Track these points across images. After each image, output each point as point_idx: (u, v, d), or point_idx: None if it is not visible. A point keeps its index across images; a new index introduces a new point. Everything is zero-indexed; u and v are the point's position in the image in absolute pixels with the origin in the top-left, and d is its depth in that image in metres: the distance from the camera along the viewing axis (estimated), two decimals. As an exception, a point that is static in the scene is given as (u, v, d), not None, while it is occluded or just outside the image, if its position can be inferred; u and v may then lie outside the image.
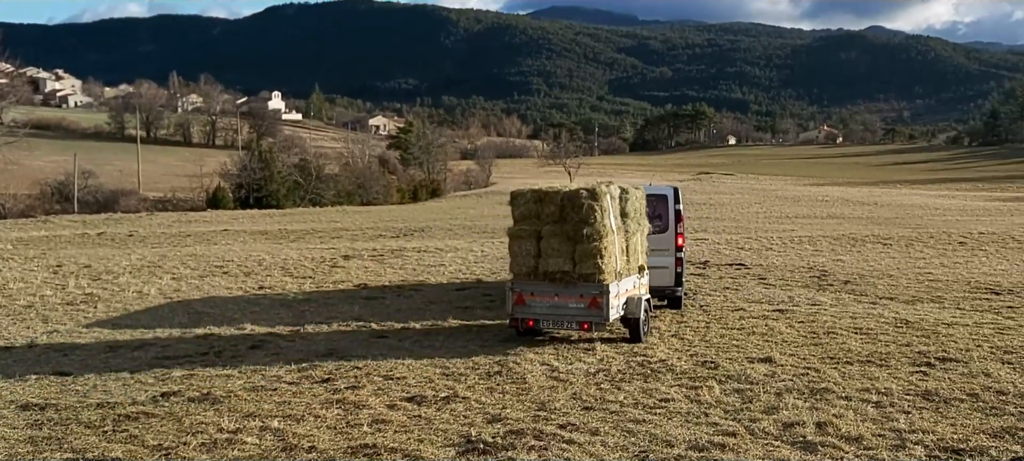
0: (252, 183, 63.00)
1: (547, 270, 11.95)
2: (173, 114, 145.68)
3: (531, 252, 12.08)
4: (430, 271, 20.80)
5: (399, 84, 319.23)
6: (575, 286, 11.83)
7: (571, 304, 11.89)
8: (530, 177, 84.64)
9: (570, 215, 11.83)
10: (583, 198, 11.81)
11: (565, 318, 12.02)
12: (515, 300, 12.10)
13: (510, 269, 12.48)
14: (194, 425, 8.44)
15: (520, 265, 12.18)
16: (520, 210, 12.27)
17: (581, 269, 11.77)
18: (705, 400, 9.26)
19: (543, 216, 12.07)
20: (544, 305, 12.00)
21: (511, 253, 12.33)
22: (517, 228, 12.24)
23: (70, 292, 17.31)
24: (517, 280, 12.14)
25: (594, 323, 11.90)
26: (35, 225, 42.60)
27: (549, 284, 11.94)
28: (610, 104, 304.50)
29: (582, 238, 11.70)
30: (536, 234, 12.05)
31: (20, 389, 9.89)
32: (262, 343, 12.45)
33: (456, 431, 8.22)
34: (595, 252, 11.71)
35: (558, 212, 11.95)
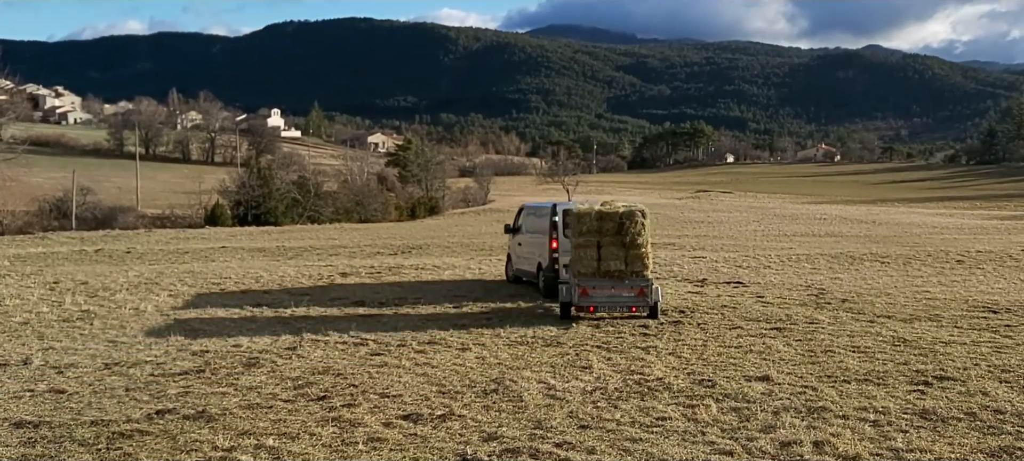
0: (250, 200, 63.05)
1: (607, 270, 15.69)
2: (172, 131, 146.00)
3: (593, 257, 15.77)
4: (428, 288, 20.77)
5: (398, 102, 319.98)
6: (627, 280, 15.68)
7: (624, 294, 15.67)
8: (528, 195, 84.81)
9: (627, 228, 15.70)
10: (636, 216, 15.80)
11: (619, 304, 15.74)
12: (580, 293, 15.54)
13: (572, 269, 16.08)
14: (189, 443, 8.40)
15: (584, 266, 15.75)
16: (585, 225, 15.85)
17: (632, 267, 15.77)
18: (702, 419, 9.23)
19: (604, 230, 15.79)
20: (603, 295, 15.65)
21: (577, 258, 15.88)
22: (583, 239, 15.81)
23: (67, 309, 17.26)
24: (581, 278, 15.67)
25: (639, 306, 15.74)
26: (33, 241, 42.55)
27: (607, 280, 15.68)
28: (608, 122, 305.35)
29: (634, 245, 15.74)
30: (597, 243, 15.76)
31: (14, 406, 9.84)
32: (258, 360, 12.41)
33: (452, 450, 8.18)
34: (642, 255, 15.84)
35: (617, 226, 15.77)
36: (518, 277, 21.59)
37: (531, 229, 20.66)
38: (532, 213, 21.33)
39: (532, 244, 20.28)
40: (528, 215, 21.49)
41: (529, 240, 20.64)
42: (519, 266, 21.44)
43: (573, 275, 15.95)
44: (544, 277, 19.07)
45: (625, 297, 15.69)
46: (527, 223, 21.23)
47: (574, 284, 15.69)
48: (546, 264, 19.01)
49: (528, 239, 20.74)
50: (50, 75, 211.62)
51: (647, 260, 15.90)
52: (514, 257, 21.95)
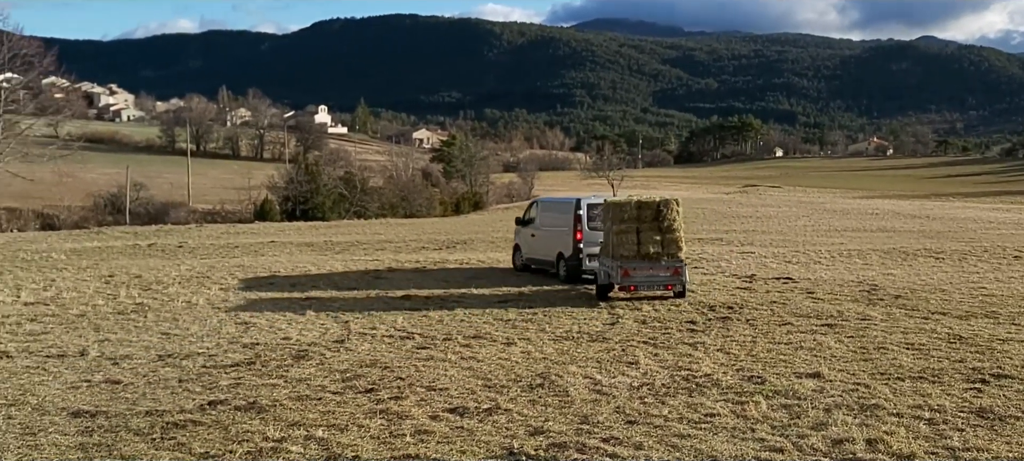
0: (298, 196, 63.88)
1: (646, 252, 17.34)
2: (222, 128, 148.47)
3: (633, 241, 17.45)
4: (472, 283, 20.83)
5: (443, 97, 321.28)
6: (663, 261, 17.35)
7: (661, 273, 17.38)
8: (573, 190, 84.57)
9: (664, 215, 17.48)
10: (672, 204, 17.69)
11: (656, 283, 17.42)
12: (622, 274, 17.08)
13: (613, 253, 17.51)
14: (240, 433, 8.53)
15: (625, 250, 17.39)
16: (625, 213, 17.61)
17: (668, 250, 17.44)
18: (751, 415, 9.11)
19: (642, 217, 17.56)
20: (643, 275, 17.26)
21: (618, 243, 17.44)
22: (623, 225, 17.48)
23: (121, 302, 17.66)
24: (623, 260, 17.24)
25: (674, 284, 17.47)
26: (88, 236, 43.64)
27: (646, 261, 17.31)
28: (654, 116, 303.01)
29: (670, 230, 17.51)
30: (636, 229, 17.46)
31: (72, 396, 10.10)
32: (307, 353, 12.57)
33: (498, 443, 8.19)
34: (677, 239, 17.60)
35: (654, 214, 17.54)
36: (526, 265, 23.08)
37: (549, 222, 22.12)
38: (549, 207, 23.09)
39: (551, 235, 21.67)
40: (544, 209, 23.11)
41: (547, 232, 21.99)
42: (531, 255, 22.94)
43: (613, 258, 17.44)
44: (566, 265, 20.68)
45: (662, 276, 17.43)
46: (543, 216, 22.75)
47: (616, 266, 17.19)
48: (569, 253, 20.59)
49: (546, 231, 22.12)
50: (104, 73, 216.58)
51: (681, 243, 17.69)
52: (524, 247, 23.39)
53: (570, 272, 20.56)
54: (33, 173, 33.16)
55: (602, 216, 19.26)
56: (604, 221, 18.63)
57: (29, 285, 20.03)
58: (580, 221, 20.38)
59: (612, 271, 17.39)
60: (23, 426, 8.82)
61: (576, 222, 20.42)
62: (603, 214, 18.85)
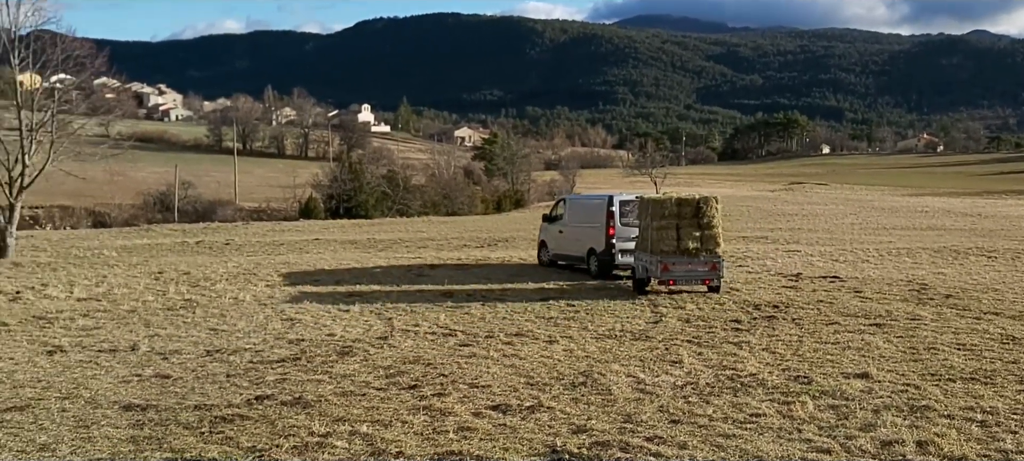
0: (342, 194, 64.52)
1: (686, 248, 17.69)
2: (268, 127, 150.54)
3: (673, 237, 17.81)
4: (514, 281, 20.85)
5: (484, 96, 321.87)
6: (701, 256, 17.72)
7: (699, 268, 17.78)
8: (614, 187, 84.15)
9: (703, 212, 17.87)
10: (711, 201, 18.09)
11: (694, 277, 17.88)
12: (662, 268, 17.57)
13: (652, 248, 17.95)
14: (286, 428, 8.65)
15: (665, 245, 17.78)
16: (666, 210, 17.97)
17: (706, 246, 17.81)
18: (798, 416, 8.99)
19: (682, 214, 17.90)
20: (681, 270, 17.70)
21: (657, 238, 17.83)
22: (663, 222, 17.85)
23: (170, 298, 18.01)
24: (663, 255, 17.63)
25: (712, 279, 17.87)
26: (138, 233, 44.56)
27: (685, 256, 17.66)
28: (698, 113, 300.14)
29: (709, 226, 17.89)
30: (676, 225, 17.80)
31: (123, 390, 10.32)
32: (351, 349, 12.69)
33: (541, 441, 8.19)
34: (715, 235, 17.99)
35: (693, 210, 17.91)
36: (553, 261, 23.73)
37: (580, 219, 22.79)
38: (579, 204, 24.05)
39: (581, 232, 22.32)
40: (573, 206, 23.88)
41: (577, 228, 22.65)
42: (558, 251, 23.59)
43: (652, 253, 17.94)
44: (598, 260, 21.33)
45: (700, 271, 17.87)
46: (572, 214, 23.38)
47: (655, 261, 17.71)
48: (601, 249, 21.17)
49: (575, 227, 22.78)
50: (153, 74, 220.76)
51: (719, 239, 18.10)
52: (551, 243, 23.99)
53: (602, 267, 21.18)
54: (85, 172, 33.90)
55: (636, 213, 19.93)
56: (642, 217, 18.97)
57: (82, 281, 20.51)
58: (613, 217, 20.92)
59: (651, 266, 17.93)
60: (77, 419, 9.04)
61: (609, 219, 20.96)
62: (640, 211, 19.23)
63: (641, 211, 19.19)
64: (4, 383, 10.65)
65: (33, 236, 41.81)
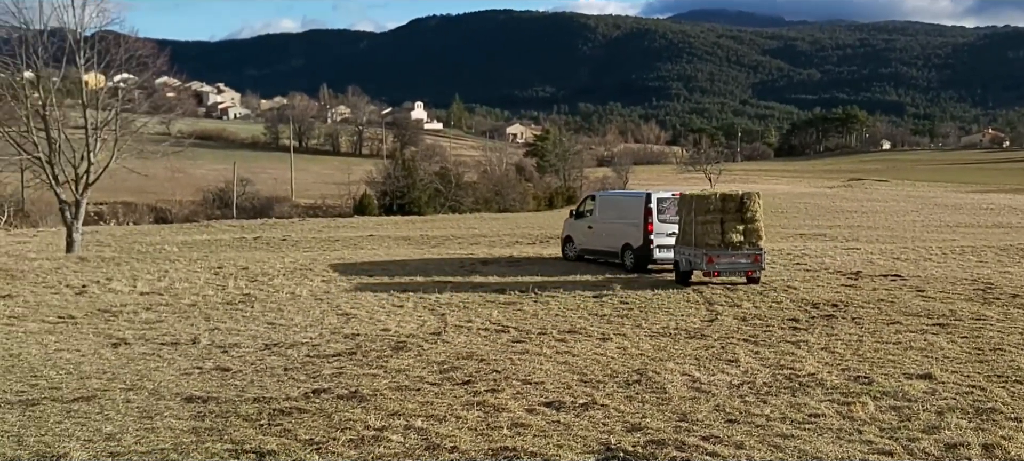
0: (395, 191, 65.19)
1: (730, 241, 18.50)
2: (323, 125, 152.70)
3: (718, 231, 18.58)
4: (566, 278, 20.79)
5: (536, 92, 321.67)
6: (745, 249, 18.59)
7: (742, 261, 18.63)
8: (668, 184, 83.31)
9: (747, 206, 18.73)
10: (753, 197, 18.99)
11: (738, 269, 18.69)
12: (707, 260, 18.32)
13: (696, 242, 18.67)
14: (343, 421, 8.75)
15: (710, 239, 18.52)
16: (711, 205, 18.75)
17: (749, 239, 18.67)
18: (858, 417, 8.79)
19: (726, 208, 18.71)
20: (725, 262, 18.52)
21: (702, 232, 18.58)
22: (708, 216, 18.60)
23: (230, 292, 18.37)
24: (708, 248, 18.42)
25: (755, 270, 18.76)
26: (198, 229, 45.58)
27: (729, 249, 18.49)
28: (754, 108, 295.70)
29: (752, 220, 18.76)
30: (721, 220, 18.59)
31: (185, 382, 10.56)
32: (405, 344, 12.79)
33: (595, 438, 8.15)
34: (758, 229, 18.85)
35: (737, 205, 18.75)
36: (579, 256, 24.48)
37: (613, 215, 23.53)
38: (611, 201, 25.02)
39: (615, 227, 22.99)
40: (604, 203, 24.76)
41: (610, 225, 23.36)
42: (587, 246, 24.31)
43: (697, 246, 18.70)
44: (634, 255, 21.99)
45: (743, 263, 18.68)
46: (604, 210, 24.18)
47: (701, 253, 18.50)
48: (639, 244, 21.83)
49: (608, 224, 23.47)
50: (212, 73, 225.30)
51: (762, 233, 18.97)
52: (579, 239, 24.67)
53: (638, 262, 21.84)
54: (147, 169, 34.74)
55: (673, 209, 20.83)
56: (686, 212, 19.47)
57: (145, 276, 21.04)
58: (651, 214, 21.63)
59: (696, 258, 18.70)
60: (141, 410, 9.27)
61: (647, 215, 21.66)
62: (683, 206, 19.79)
63: (683, 207, 19.68)
64: (72, 374, 10.98)
65: (98, 231, 43.09)
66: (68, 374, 10.98)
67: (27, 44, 28.64)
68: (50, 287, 18.84)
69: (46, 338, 13.40)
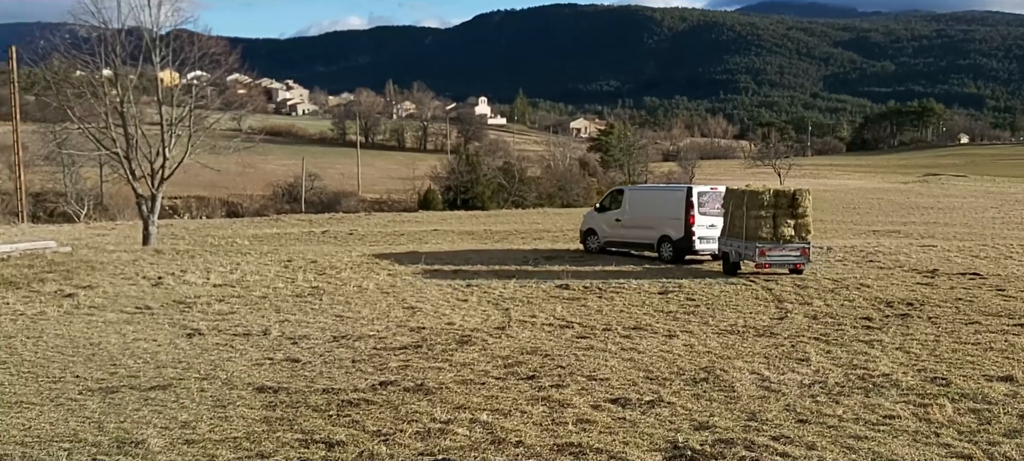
0: (459, 185, 65.60)
1: (782, 235, 19.38)
2: (388, 120, 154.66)
3: (770, 225, 19.49)
4: (631, 274, 20.63)
5: (601, 86, 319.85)
6: (794, 243, 19.42)
7: (792, 254, 19.47)
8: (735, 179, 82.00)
9: (798, 202, 19.62)
10: (804, 193, 19.86)
11: (788, 262, 19.52)
12: (760, 253, 19.23)
13: (748, 235, 19.59)
14: (409, 413, 8.84)
15: (763, 233, 19.44)
16: (764, 200, 19.64)
17: (799, 233, 19.50)
18: (936, 419, 8.52)
19: (778, 204, 19.63)
20: (777, 255, 19.42)
21: (754, 226, 19.48)
22: (761, 211, 19.50)
23: (299, 285, 18.72)
24: (761, 241, 19.30)
25: (803, 264, 19.59)
26: (268, 223, 46.58)
27: (781, 243, 19.36)
28: (825, 101, 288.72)
29: (803, 216, 19.64)
30: (773, 215, 19.54)
31: (257, 373, 10.80)
32: (470, 338, 12.85)
33: (662, 436, 8.06)
34: (807, 224, 19.73)
35: (789, 201, 19.68)
36: (602, 248, 25.22)
37: (648, 209, 24.42)
38: (645, 195, 26.34)
39: (650, 220, 23.79)
40: (636, 197, 25.57)
41: (644, 217, 24.12)
42: (615, 239, 25.03)
43: (749, 240, 19.56)
44: (673, 246, 22.92)
45: (793, 256, 19.53)
46: (636, 204, 24.97)
47: (753, 247, 19.38)
48: (680, 236, 22.72)
49: (641, 216, 24.27)
50: (282, 69, 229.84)
51: (810, 227, 19.84)
52: (605, 231, 25.39)
53: (677, 253, 22.83)
54: (219, 164, 35.58)
55: (725, 203, 21.36)
56: (736, 207, 20.25)
57: (217, 268, 21.56)
58: (692, 208, 22.49)
59: (746, 251, 19.64)
60: (215, 399, 9.51)
61: (688, 208, 22.52)
62: (734, 201, 20.55)
63: (735, 201, 20.47)
64: (149, 363, 11.33)
65: (172, 225, 44.38)
66: (145, 363, 11.33)
67: (106, 43, 29.58)
68: (128, 278, 19.46)
69: (124, 328, 13.86)
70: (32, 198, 54.79)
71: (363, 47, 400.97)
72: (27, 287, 17.82)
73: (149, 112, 32.15)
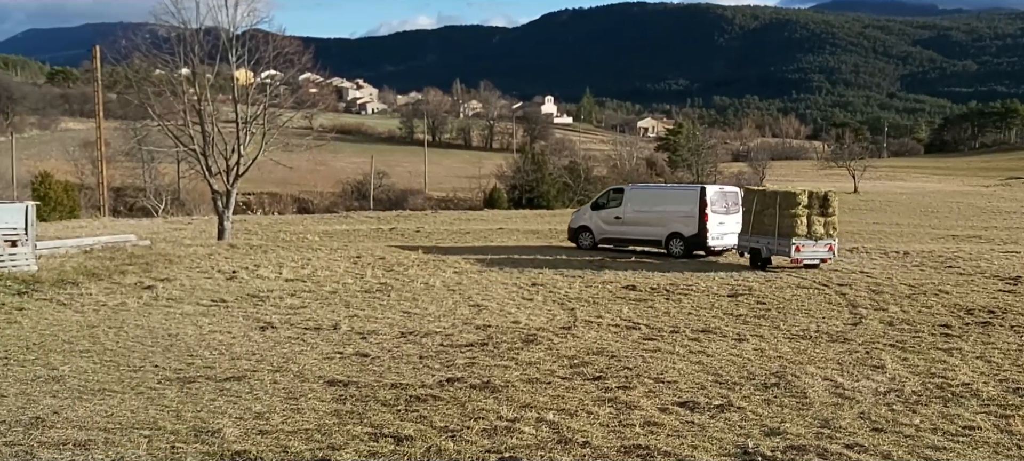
0: (525, 184, 65.63)
1: (815, 233, 21.10)
2: (455, 119, 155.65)
3: (805, 224, 21.07)
4: (699, 276, 20.38)
5: (669, 85, 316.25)
6: (823, 239, 21.20)
7: (821, 250, 21.26)
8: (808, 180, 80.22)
9: (829, 202, 21.54)
10: (831, 194, 21.87)
11: (817, 257, 21.25)
12: (796, 249, 20.86)
13: (781, 232, 21.13)
14: (476, 411, 8.89)
15: (799, 230, 20.96)
16: (800, 201, 21.21)
17: (827, 230, 21.31)
18: (1018, 431, 8.21)
19: (812, 204, 21.36)
20: (809, 251, 21.08)
21: (789, 225, 20.97)
22: (796, 211, 20.97)
23: (367, 281, 18.99)
24: (796, 238, 20.87)
25: (829, 257, 21.40)
26: (338, 219, 47.39)
27: (812, 240, 21.07)
28: (902, 101, 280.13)
29: (832, 215, 21.47)
30: (808, 215, 21.12)
31: (327, 366, 11.00)
32: (536, 338, 12.86)
33: (731, 441, 7.94)
34: (834, 222, 21.59)
35: (821, 202, 21.53)
36: (595, 245, 26.26)
37: (654, 206, 25.69)
38: (650, 193, 27.83)
39: (657, 217, 25.13)
40: (639, 196, 26.74)
41: (649, 215, 25.39)
42: (613, 236, 26.12)
43: (782, 236, 21.11)
44: (685, 242, 24.37)
45: (821, 252, 21.30)
46: (639, 202, 26.11)
47: (787, 243, 20.93)
48: (692, 232, 24.25)
49: (646, 214, 25.49)
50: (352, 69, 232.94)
51: (836, 225, 21.63)
52: (600, 229, 26.42)
53: (689, 248, 24.30)
54: (292, 161, 36.33)
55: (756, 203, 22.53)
56: (766, 206, 21.86)
57: (289, 263, 22.01)
58: (706, 206, 24.02)
59: (782, 247, 21.21)
60: (287, 391, 9.72)
61: (703, 206, 24.04)
62: (761, 200, 22.31)
63: (762, 201, 22.23)
64: (224, 354, 11.64)
65: (246, 220, 45.51)
66: (220, 354, 11.64)
67: (185, 43, 30.47)
68: (204, 272, 20.01)
69: (201, 320, 14.27)
70: (113, 193, 56.81)
71: (431, 46, 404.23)
72: (109, 279, 18.48)
73: (225, 110, 32.98)
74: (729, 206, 24.40)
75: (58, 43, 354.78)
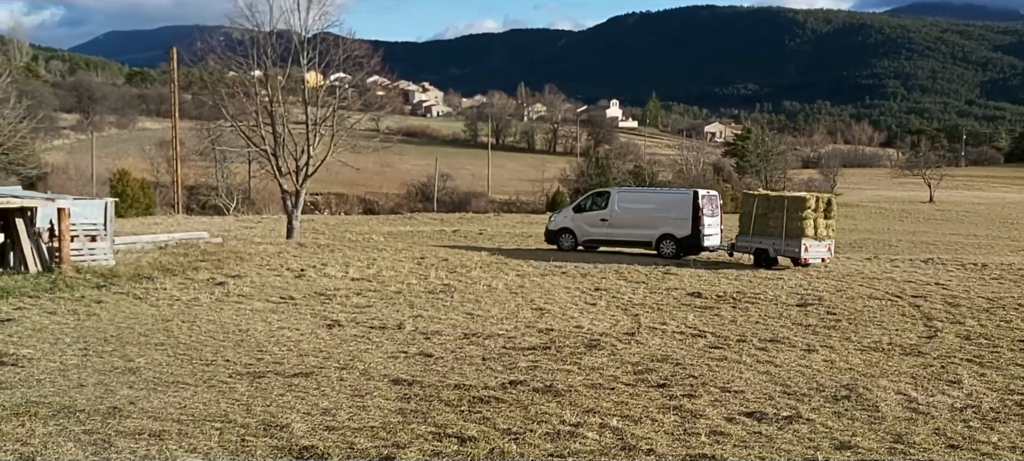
0: (588, 188, 65.35)
1: (819, 234, 23.08)
2: (519, 122, 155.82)
3: (812, 226, 22.93)
4: (768, 284, 20.01)
5: (737, 89, 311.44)
6: (824, 240, 23.17)
7: (823, 250, 23.24)
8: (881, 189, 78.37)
9: (831, 208, 23.60)
10: (832, 199, 24.24)
11: (820, 256, 23.15)
12: (805, 249, 22.70)
13: (789, 234, 22.89)
14: (539, 414, 8.88)
15: (807, 232, 22.77)
16: (811, 205, 23.22)
17: (827, 233, 23.37)
18: (1107, 455, 7.83)
19: (818, 208, 23.31)
20: (814, 251, 22.95)
21: (796, 228, 22.80)
22: (805, 214, 22.85)
23: (431, 282, 19.16)
24: (805, 239, 22.72)
25: (827, 257, 23.38)
26: (402, 221, 47.92)
27: (817, 240, 23.00)
28: (982, 109, 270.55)
29: (832, 218, 23.56)
30: (814, 218, 23.00)
31: (392, 365, 11.12)
32: (599, 343, 12.79)
33: (800, 453, 7.77)
34: (832, 225, 23.65)
35: (825, 206, 23.55)
36: (574, 247, 27.18)
37: (644, 209, 26.91)
38: (640, 196, 29.15)
39: (647, 220, 26.37)
40: (628, 198, 27.75)
41: (639, 217, 26.51)
42: (597, 238, 27.04)
43: (790, 238, 22.85)
44: (677, 243, 25.74)
45: (824, 252, 23.32)
46: (628, 205, 27.06)
47: (796, 244, 22.69)
48: (685, 234, 25.64)
49: (635, 217, 26.54)
50: (418, 71, 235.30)
51: (834, 227, 23.79)
52: (583, 231, 27.29)
53: (681, 249, 25.67)
54: (359, 163, 36.90)
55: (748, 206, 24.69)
56: (771, 210, 23.64)
57: (355, 263, 22.35)
58: (699, 209, 25.52)
59: (789, 247, 22.94)
60: (353, 388, 9.86)
61: (696, 210, 25.53)
62: (764, 204, 24.10)
63: (765, 205, 24.02)
64: (292, 351, 11.87)
65: (313, 220, 46.36)
66: (289, 350, 11.87)
67: (258, 45, 31.19)
68: (273, 270, 20.45)
69: (270, 316, 14.58)
70: (186, 191, 58.47)
71: (497, 49, 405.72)
72: (182, 274, 19.03)
73: (295, 112, 33.65)
74: (714, 210, 26.31)
75: (137, 45, 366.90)
